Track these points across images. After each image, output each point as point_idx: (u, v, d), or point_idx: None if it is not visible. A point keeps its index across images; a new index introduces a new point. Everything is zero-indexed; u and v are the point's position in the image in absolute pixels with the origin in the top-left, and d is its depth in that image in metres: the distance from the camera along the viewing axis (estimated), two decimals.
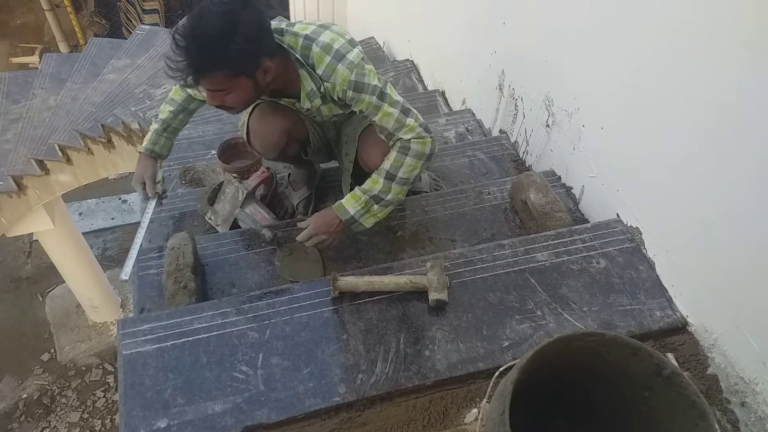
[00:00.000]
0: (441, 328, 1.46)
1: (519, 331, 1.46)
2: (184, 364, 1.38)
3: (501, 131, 2.44)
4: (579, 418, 1.26)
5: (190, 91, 1.72)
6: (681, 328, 1.50)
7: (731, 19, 1.20)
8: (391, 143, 1.60)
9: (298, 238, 1.63)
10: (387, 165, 1.58)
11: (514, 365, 1.06)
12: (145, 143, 1.76)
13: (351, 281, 1.51)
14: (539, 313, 1.50)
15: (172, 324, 1.45)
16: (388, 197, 1.60)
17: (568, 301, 1.52)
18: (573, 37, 1.79)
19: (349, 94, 1.50)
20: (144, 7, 6.45)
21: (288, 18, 4.33)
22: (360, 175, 1.72)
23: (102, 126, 3.11)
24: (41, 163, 3.02)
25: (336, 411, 1.33)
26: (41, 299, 4.81)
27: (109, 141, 3.18)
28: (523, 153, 2.27)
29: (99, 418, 4.06)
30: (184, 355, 1.39)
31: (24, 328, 4.60)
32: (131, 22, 6.59)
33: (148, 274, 1.70)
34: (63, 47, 6.58)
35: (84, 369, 4.34)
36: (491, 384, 1.31)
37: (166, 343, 1.41)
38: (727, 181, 1.29)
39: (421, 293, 1.52)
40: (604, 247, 1.65)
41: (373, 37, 4.01)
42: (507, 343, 1.43)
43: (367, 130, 1.73)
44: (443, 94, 2.99)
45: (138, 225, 1.74)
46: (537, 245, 1.65)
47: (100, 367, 4.36)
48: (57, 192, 3.25)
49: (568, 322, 1.48)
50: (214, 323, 1.45)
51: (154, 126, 1.76)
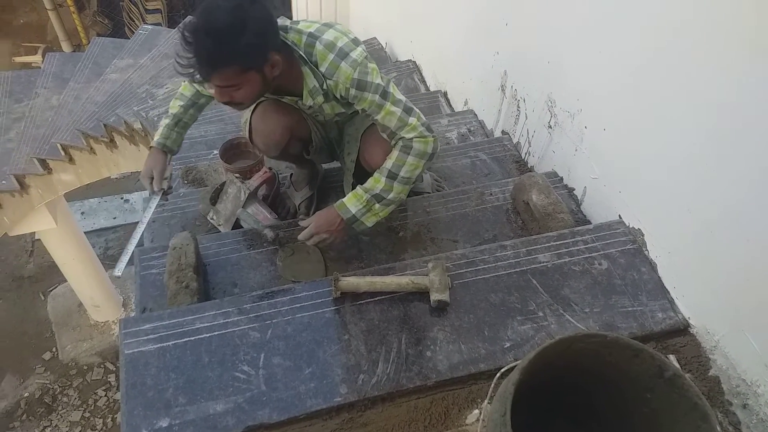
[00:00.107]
0: (442, 328, 1.46)
1: (520, 332, 1.46)
2: (185, 363, 1.38)
3: (503, 132, 2.44)
4: (580, 420, 1.26)
5: (198, 87, 1.72)
6: (683, 329, 1.50)
7: (731, 19, 1.20)
8: (393, 142, 1.60)
9: (300, 236, 1.63)
10: (389, 164, 1.58)
11: (515, 366, 1.06)
12: (156, 137, 1.74)
13: (353, 281, 1.51)
14: (541, 314, 1.50)
15: (174, 323, 1.45)
16: (390, 196, 1.60)
17: (569, 303, 1.52)
18: (575, 38, 1.79)
19: (352, 92, 1.50)
20: (147, 7, 6.46)
21: (291, 19, 4.33)
22: (362, 176, 1.72)
23: (104, 125, 3.11)
24: (44, 163, 3.02)
25: (337, 411, 1.34)
26: (43, 298, 4.82)
27: (112, 140, 3.19)
28: (525, 154, 2.27)
29: (100, 417, 4.06)
30: (185, 355, 1.39)
31: (26, 327, 4.61)
32: (134, 21, 6.60)
33: (150, 274, 1.70)
34: (66, 47, 6.59)
35: (85, 368, 4.35)
36: (493, 385, 1.31)
37: (168, 343, 1.41)
38: (729, 182, 1.29)
39: (422, 294, 1.52)
40: (606, 249, 1.65)
41: (375, 38, 4.00)
42: (508, 344, 1.43)
43: (370, 130, 1.72)
44: (445, 94, 2.99)
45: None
46: (539, 246, 1.65)
47: (102, 366, 4.37)
48: (59, 191, 3.25)
49: (570, 323, 1.48)
50: (215, 323, 1.46)
51: (164, 121, 1.76)
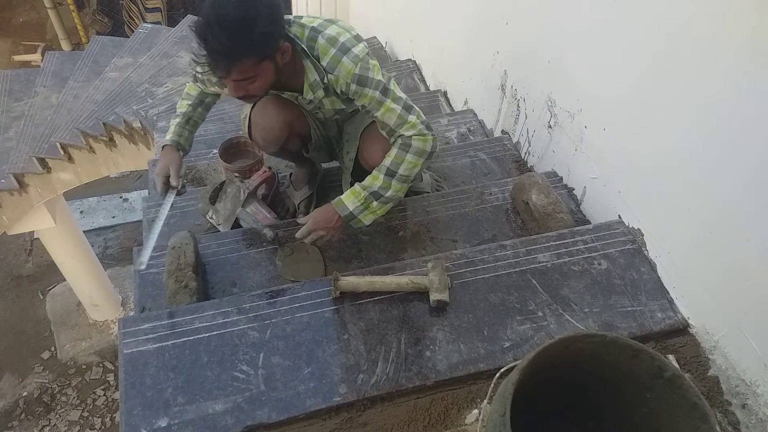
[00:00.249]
0: (442, 328, 1.46)
1: (520, 332, 1.46)
2: (184, 363, 1.38)
3: (503, 132, 2.43)
4: (580, 420, 1.26)
5: (201, 86, 1.73)
6: (682, 329, 1.50)
7: (732, 19, 1.19)
8: (392, 140, 1.60)
9: (297, 234, 1.62)
10: (388, 162, 1.58)
11: (515, 366, 1.05)
12: (169, 135, 1.73)
13: (352, 281, 1.51)
14: (540, 314, 1.49)
15: (173, 323, 1.45)
16: (388, 194, 1.60)
17: (569, 302, 1.52)
18: (576, 38, 1.79)
19: (353, 87, 1.50)
20: (146, 6, 6.45)
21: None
22: (360, 175, 1.72)
23: (104, 124, 3.11)
24: (43, 161, 3.02)
25: (336, 411, 1.33)
26: (42, 297, 4.82)
27: (111, 139, 3.19)
28: (525, 154, 2.27)
29: (99, 417, 4.07)
30: (184, 355, 1.39)
31: (24, 326, 4.61)
32: (133, 20, 6.60)
33: (149, 273, 1.70)
34: (65, 45, 6.58)
35: (84, 367, 4.35)
36: (492, 385, 1.31)
37: (167, 342, 1.41)
38: (729, 182, 1.29)
39: (422, 294, 1.51)
40: (605, 249, 1.64)
41: (375, 37, 4.00)
42: (508, 344, 1.43)
43: (369, 129, 1.72)
44: (445, 94, 2.99)
45: (141, 222, 1.72)
46: (538, 246, 1.65)
47: (101, 365, 4.37)
48: (58, 190, 3.25)
49: (570, 323, 1.48)
50: (215, 323, 1.45)
51: (175, 120, 1.75)
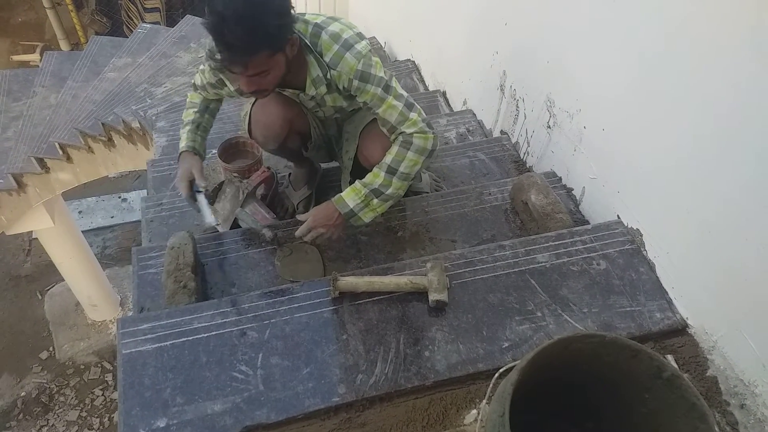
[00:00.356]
0: (441, 328, 1.46)
1: (519, 333, 1.46)
2: (183, 363, 1.37)
3: (502, 132, 2.44)
4: (579, 420, 1.26)
5: (203, 93, 1.76)
6: (681, 329, 1.50)
7: (730, 19, 1.19)
8: (393, 137, 1.60)
9: (297, 232, 1.62)
10: (389, 159, 1.58)
11: (514, 366, 1.06)
12: (184, 142, 1.74)
13: (351, 281, 1.51)
14: (539, 314, 1.49)
15: (172, 323, 1.45)
16: (388, 191, 1.60)
17: (568, 303, 1.52)
18: (575, 38, 1.79)
19: (355, 83, 1.50)
20: (145, 6, 6.45)
21: None
22: (359, 175, 1.72)
23: (102, 124, 3.11)
24: (41, 161, 3.02)
25: (335, 411, 1.33)
26: (40, 297, 4.82)
27: (110, 139, 3.19)
28: (524, 154, 2.27)
29: (97, 417, 4.06)
30: (183, 355, 1.39)
31: (23, 326, 4.61)
32: (132, 20, 6.60)
33: (148, 273, 1.70)
34: (64, 45, 6.58)
35: (83, 367, 4.35)
36: (491, 385, 1.31)
37: (166, 343, 1.41)
38: (728, 182, 1.29)
39: (421, 294, 1.51)
40: (604, 249, 1.65)
41: (374, 37, 4.00)
42: (507, 344, 1.43)
43: (369, 127, 1.72)
44: (444, 94, 2.99)
45: (140, 222, 1.73)
46: (537, 246, 1.65)
47: (99, 365, 4.37)
48: (57, 190, 3.25)
49: (568, 323, 1.48)
50: (213, 323, 1.45)
51: (185, 129, 1.76)
